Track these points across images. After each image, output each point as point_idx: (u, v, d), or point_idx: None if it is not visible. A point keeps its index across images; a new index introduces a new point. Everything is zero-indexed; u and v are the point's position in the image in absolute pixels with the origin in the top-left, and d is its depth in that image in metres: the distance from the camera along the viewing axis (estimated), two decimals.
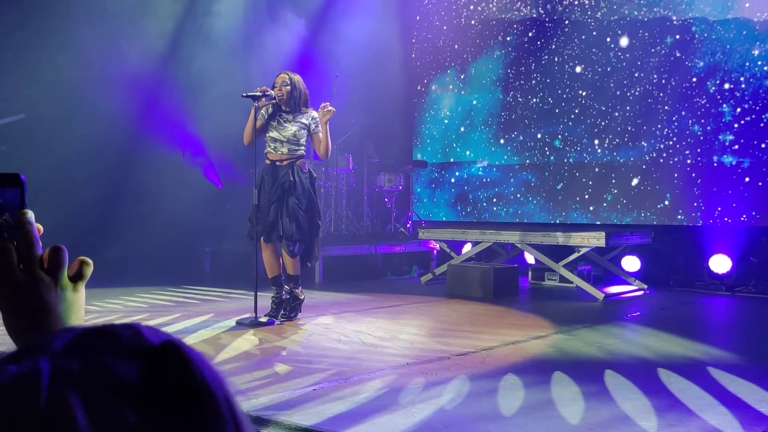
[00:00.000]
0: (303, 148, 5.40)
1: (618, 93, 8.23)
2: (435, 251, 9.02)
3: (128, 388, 0.44)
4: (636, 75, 8.09)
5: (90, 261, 0.77)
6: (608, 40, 8.31)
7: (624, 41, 8.20)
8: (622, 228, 7.67)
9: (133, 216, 8.15)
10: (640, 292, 7.18)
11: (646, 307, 6.53)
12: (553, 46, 8.75)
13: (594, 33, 8.41)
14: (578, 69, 8.54)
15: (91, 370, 0.45)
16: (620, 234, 7.01)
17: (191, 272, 8.11)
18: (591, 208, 8.47)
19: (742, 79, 7.46)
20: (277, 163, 5.35)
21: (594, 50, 8.42)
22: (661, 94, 7.92)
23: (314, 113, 5.39)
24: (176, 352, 0.47)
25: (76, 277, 0.76)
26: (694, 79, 7.71)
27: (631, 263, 7.79)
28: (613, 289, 7.24)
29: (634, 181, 8.13)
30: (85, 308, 0.77)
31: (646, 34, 8.06)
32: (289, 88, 5.33)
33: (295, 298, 5.41)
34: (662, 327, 5.39)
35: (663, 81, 7.90)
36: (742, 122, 7.46)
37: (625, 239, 7.09)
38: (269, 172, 5.35)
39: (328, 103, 5.40)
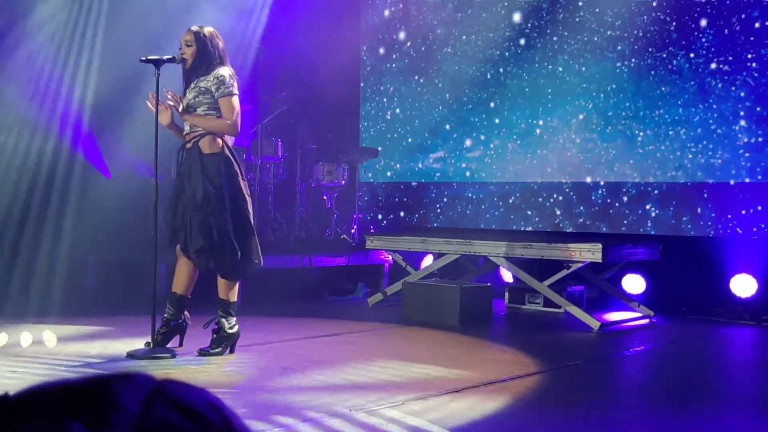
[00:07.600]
0: None
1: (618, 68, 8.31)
2: (387, 265, 8.97)
3: None
4: (620, 46, 8.16)
5: None
6: None
7: None
8: (624, 239, 7.72)
9: None
10: (645, 321, 7.25)
11: (652, 340, 6.58)
12: None
13: None
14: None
15: None
16: (621, 246, 7.06)
17: (68, 288, 7.89)
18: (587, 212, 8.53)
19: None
20: (187, 145, 5.24)
21: None
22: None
23: (222, 71, 5.15)
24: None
25: None
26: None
27: (634, 284, 7.86)
28: (612, 317, 7.28)
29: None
30: None
31: None
32: (193, 48, 5.17)
33: (221, 329, 5.21)
34: (673, 365, 5.42)
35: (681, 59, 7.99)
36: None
37: (627, 253, 7.14)
38: (178, 158, 5.32)
39: (169, 93, 5.13)
